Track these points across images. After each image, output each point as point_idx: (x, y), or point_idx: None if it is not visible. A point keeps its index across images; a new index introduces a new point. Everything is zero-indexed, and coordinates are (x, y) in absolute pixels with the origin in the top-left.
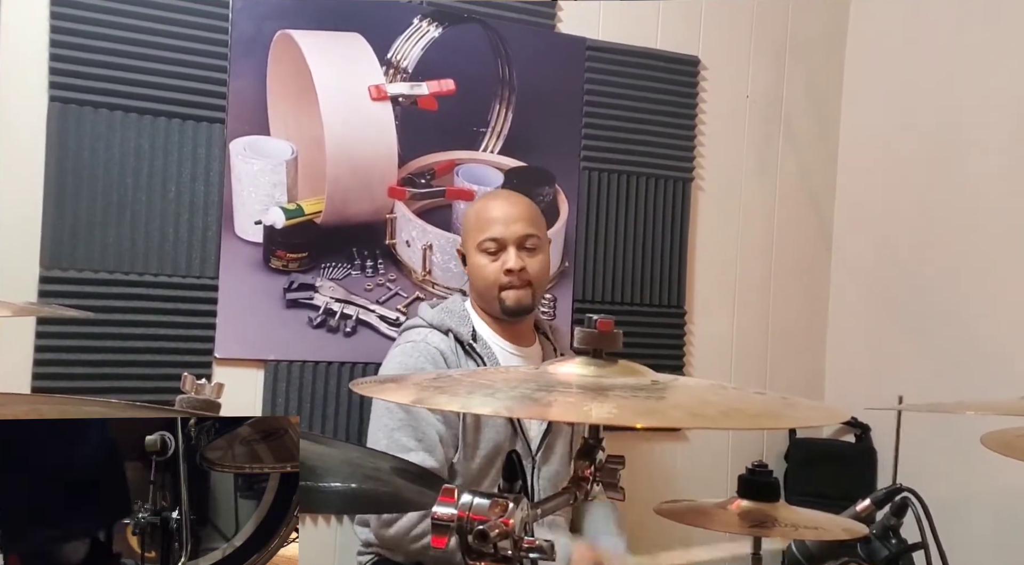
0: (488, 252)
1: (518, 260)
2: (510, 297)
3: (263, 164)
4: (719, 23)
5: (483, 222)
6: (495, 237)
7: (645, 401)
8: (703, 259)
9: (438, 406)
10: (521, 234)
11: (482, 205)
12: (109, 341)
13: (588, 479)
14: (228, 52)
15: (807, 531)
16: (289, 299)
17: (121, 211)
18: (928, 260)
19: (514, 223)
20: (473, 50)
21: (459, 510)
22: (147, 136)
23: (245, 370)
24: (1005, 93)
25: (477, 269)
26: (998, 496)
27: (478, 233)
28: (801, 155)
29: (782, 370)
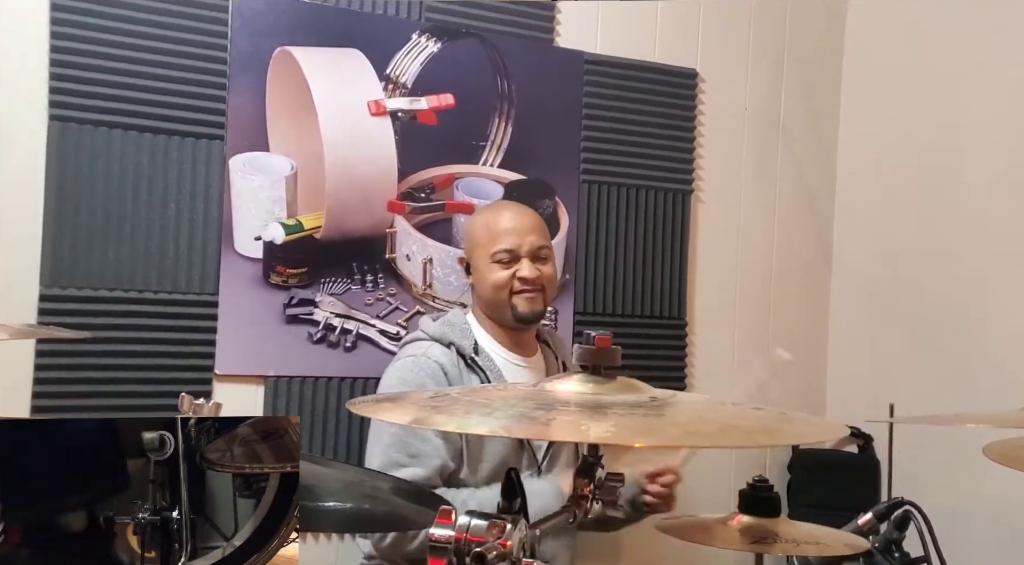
0: (501, 262)
1: (533, 270)
2: (522, 303)
3: (262, 180)
4: (716, 36)
5: (495, 234)
6: (509, 249)
7: (643, 419)
8: (704, 271)
9: (435, 426)
10: (535, 246)
11: (491, 217)
12: (109, 359)
13: (587, 497)
14: (227, 69)
15: (809, 547)
16: (289, 315)
17: (121, 228)
18: (928, 270)
19: (528, 235)
20: (472, 65)
21: (456, 532)
22: (146, 153)
23: (245, 386)
24: (1003, 102)
25: (487, 277)
26: (1000, 507)
27: (491, 244)
28: (800, 166)
29: (784, 381)
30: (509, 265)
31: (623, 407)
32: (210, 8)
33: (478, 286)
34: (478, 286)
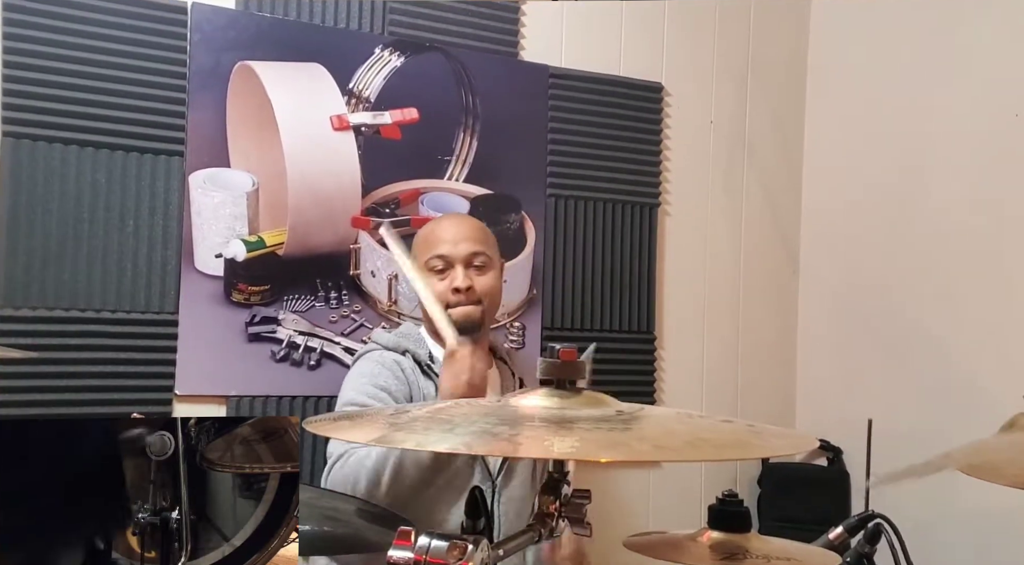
0: (435, 270)
1: (466, 279)
2: (457, 313)
3: (223, 196)
4: (681, 49)
5: (431, 242)
6: (442, 254)
7: (609, 433)
8: (672, 284)
9: (395, 444)
10: (468, 252)
11: (430, 227)
12: (66, 380)
13: (553, 515)
14: (186, 84)
15: (780, 562)
16: (251, 333)
17: (77, 247)
18: (894, 281)
19: (462, 242)
20: (436, 79)
21: (416, 553)
22: (103, 170)
23: (207, 407)
24: (966, 116)
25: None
26: (971, 519)
27: (424, 253)
28: (766, 179)
29: (753, 394)
30: (443, 273)
31: (589, 421)
32: (169, 23)
33: (420, 299)
34: (420, 299)
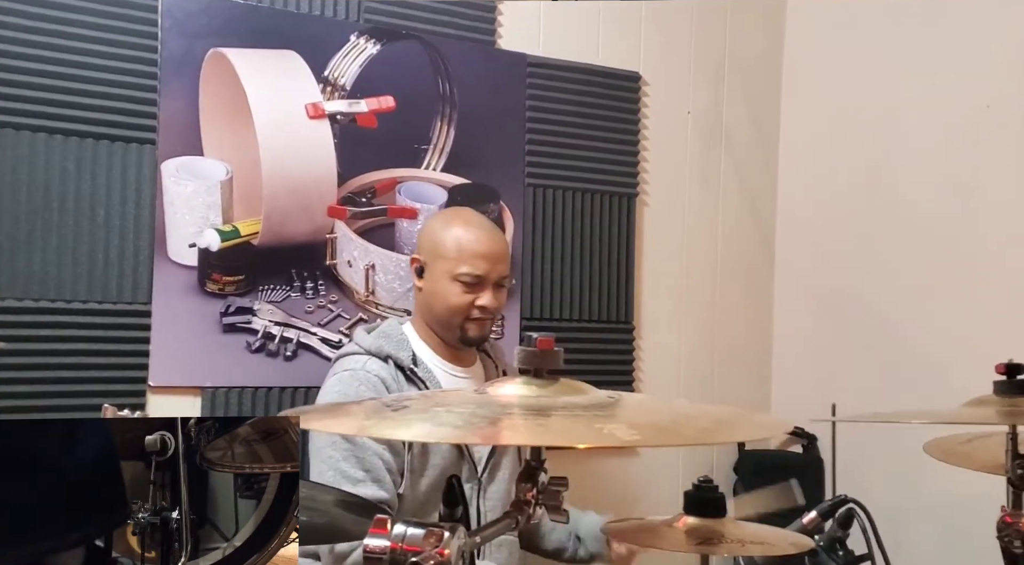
0: (464, 283)
1: (494, 300)
2: (474, 328)
3: (197, 185)
4: (659, 39)
5: (465, 253)
6: (479, 274)
7: (589, 420)
8: (650, 274)
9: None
10: (503, 275)
11: (464, 233)
12: (36, 372)
13: (530, 502)
14: (158, 71)
15: (754, 547)
16: (226, 323)
17: (47, 236)
18: (868, 272)
19: (499, 263)
20: (412, 67)
21: (392, 542)
22: (73, 158)
23: (181, 398)
24: (940, 109)
25: (444, 294)
26: (941, 503)
27: (458, 263)
28: (742, 169)
29: (730, 382)
30: (472, 289)
31: (567, 409)
32: (139, 8)
33: (430, 298)
34: (430, 298)
